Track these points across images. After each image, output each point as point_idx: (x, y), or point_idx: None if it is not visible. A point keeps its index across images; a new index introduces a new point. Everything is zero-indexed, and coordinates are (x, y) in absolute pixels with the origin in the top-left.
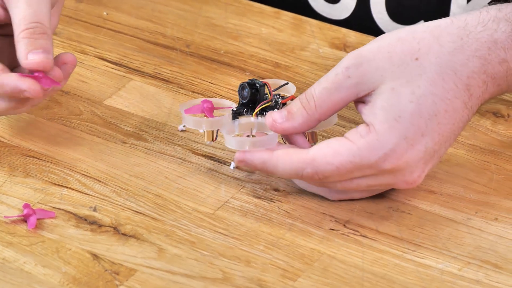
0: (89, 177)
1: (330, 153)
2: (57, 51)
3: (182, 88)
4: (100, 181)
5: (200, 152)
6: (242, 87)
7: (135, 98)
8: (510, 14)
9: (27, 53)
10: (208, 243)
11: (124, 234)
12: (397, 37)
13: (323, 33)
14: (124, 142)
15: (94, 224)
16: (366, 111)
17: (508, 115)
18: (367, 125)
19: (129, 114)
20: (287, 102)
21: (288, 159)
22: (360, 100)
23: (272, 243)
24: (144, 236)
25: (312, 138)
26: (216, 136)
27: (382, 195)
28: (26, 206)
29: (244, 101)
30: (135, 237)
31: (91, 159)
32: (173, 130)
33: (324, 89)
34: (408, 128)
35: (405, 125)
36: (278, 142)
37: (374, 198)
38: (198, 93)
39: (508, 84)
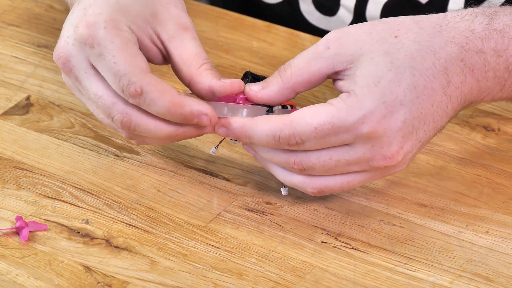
0: (81, 189)
1: (309, 114)
2: (49, 64)
3: None
4: (92, 194)
5: (192, 165)
6: (245, 75)
7: None
8: (486, 9)
9: (218, 79)
10: (200, 256)
11: (116, 247)
12: (380, 19)
13: None
14: (116, 155)
15: (86, 237)
16: (346, 83)
17: (499, 129)
18: (348, 92)
19: None
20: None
21: (267, 121)
22: (338, 78)
23: (264, 256)
24: (137, 249)
25: None
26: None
27: (372, 208)
28: (19, 218)
29: None
30: (127, 250)
31: (83, 172)
32: None
33: (302, 58)
34: (387, 94)
35: (384, 90)
36: None
37: (365, 211)
38: None
39: (487, 83)
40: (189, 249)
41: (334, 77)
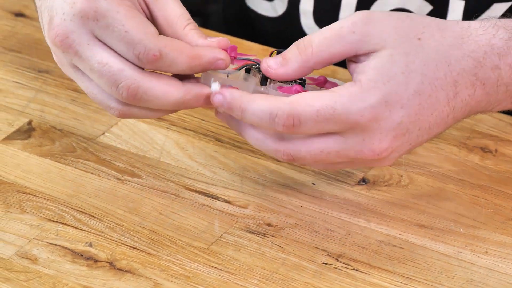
0: (84, 213)
1: (311, 97)
2: (50, 89)
3: (173, 125)
4: (95, 217)
5: (193, 188)
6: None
7: (128, 135)
8: (508, 23)
9: (204, 39)
10: (203, 278)
11: (119, 269)
12: (408, 14)
13: None
14: (118, 179)
15: (90, 260)
16: (358, 69)
17: (496, 150)
18: (354, 81)
19: (122, 151)
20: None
21: (266, 98)
22: (354, 60)
23: (266, 278)
24: (140, 271)
25: None
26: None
27: (372, 229)
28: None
29: None
30: (130, 272)
31: (86, 196)
32: (166, 166)
33: (325, 39)
34: (391, 95)
35: (390, 90)
36: None
37: (365, 232)
38: (190, 130)
39: (497, 96)
40: (191, 271)
41: (350, 59)
